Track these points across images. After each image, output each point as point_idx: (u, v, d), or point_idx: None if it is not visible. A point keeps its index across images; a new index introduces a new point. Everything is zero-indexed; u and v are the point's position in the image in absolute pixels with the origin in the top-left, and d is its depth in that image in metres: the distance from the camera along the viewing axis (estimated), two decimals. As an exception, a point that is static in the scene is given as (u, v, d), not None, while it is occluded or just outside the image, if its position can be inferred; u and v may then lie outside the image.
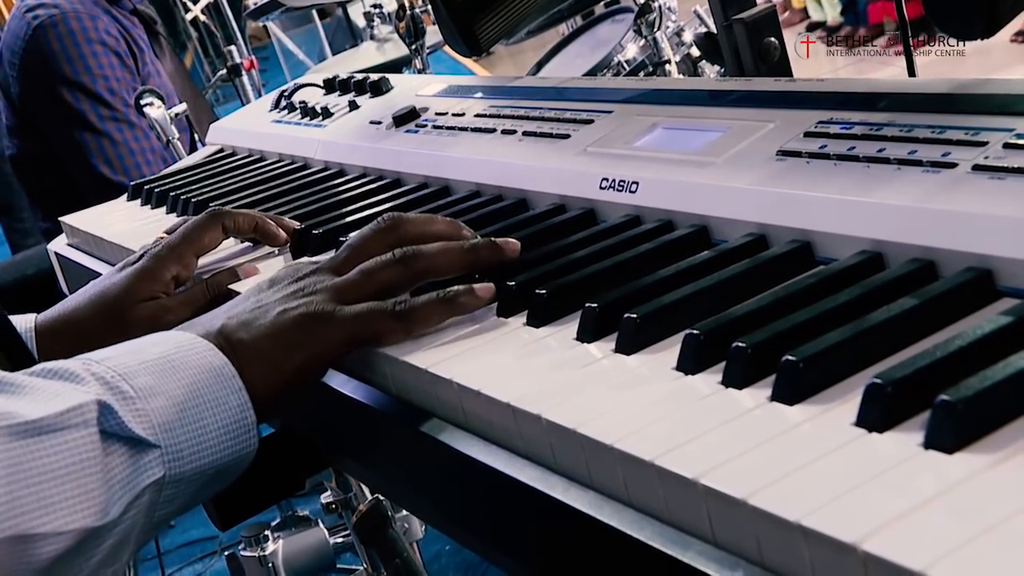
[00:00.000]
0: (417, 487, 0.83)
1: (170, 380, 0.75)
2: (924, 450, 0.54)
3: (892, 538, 0.48)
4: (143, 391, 0.73)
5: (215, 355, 0.78)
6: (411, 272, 0.85)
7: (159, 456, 0.72)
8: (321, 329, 0.81)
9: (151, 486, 0.72)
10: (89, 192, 2.56)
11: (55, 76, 2.62)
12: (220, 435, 0.76)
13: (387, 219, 0.89)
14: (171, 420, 0.73)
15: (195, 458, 0.74)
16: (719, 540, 0.57)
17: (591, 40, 3.22)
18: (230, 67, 3.66)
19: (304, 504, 2.79)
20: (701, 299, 0.75)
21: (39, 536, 0.65)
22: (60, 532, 0.66)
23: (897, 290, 0.67)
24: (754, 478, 0.55)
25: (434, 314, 0.82)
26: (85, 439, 0.69)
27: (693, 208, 0.87)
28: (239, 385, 0.77)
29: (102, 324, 1.04)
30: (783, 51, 1.24)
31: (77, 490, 0.68)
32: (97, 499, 0.68)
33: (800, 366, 0.61)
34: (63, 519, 0.66)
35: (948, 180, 0.71)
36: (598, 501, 0.63)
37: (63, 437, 0.68)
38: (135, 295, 1.04)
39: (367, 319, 0.81)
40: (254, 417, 0.78)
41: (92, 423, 0.70)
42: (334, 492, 1.90)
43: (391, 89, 1.46)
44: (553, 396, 0.69)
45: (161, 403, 0.73)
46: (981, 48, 1.38)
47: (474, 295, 0.82)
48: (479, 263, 0.87)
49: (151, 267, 1.06)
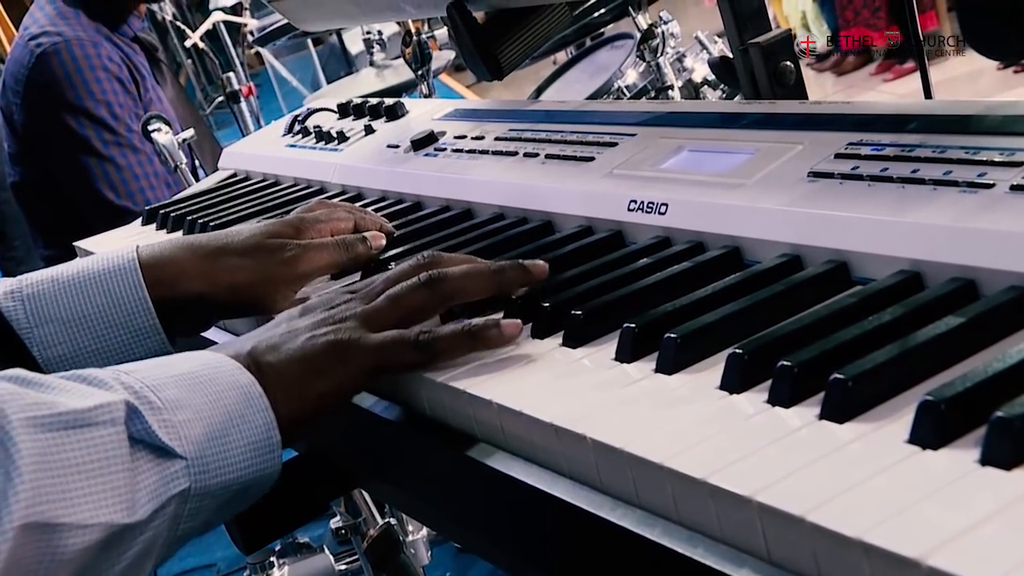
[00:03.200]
0: (455, 509, 0.83)
1: (197, 395, 0.76)
2: (981, 466, 0.54)
3: (956, 553, 0.48)
4: (170, 403, 0.73)
5: (243, 374, 0.79)
6: (437, 296, 0.86)
7: (185, 467, 0.72)
8: (346, 356, 0.81)
9: (177, 496, 0.72)
10: (93, 217, 2.56)
11: (59, 102, 2.62)
12: (245, 452, 0.76)
13: (426, 256, 0.90)
14: (197, 434, 0.74)
15: (220, 473, 0.74)
16: (774, 558, 0.57)
17: (590, 66, 3.24)
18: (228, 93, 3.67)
19: (303, 531, 2.79)
20: (741, 319, 0.75)
21: (63, 526, 0.65)
22: (85, 524, 0.66)
23: (939, 309, 0.68)
24: (811, 495, 0.55)
25: (457, 347, 0.82)
26: (112, 437, 0.70)
27: (725, 229, 0.87)
28: (265, 404, 0.78)
29: (235, 250, 1.03)
30: (799, 75, 1.25)
31: (103, 485, 0.68)
32: (123, 496, 0.69)
33: (849, 384, 0.62)
34: (88, 512, 0.67)
35: (986, 200, 0.72)
36: (647, 519, 0.63)
37: (91, 433, 0.69)
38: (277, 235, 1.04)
39: (390, 349, 0.82)
40: (279, 437, 0.78)
41: (120, 422, 0.70)
42: (343, 517, 1.90)
43: (406, 113, 1.47)
44: (596, 416, 0.69)
45: (188, 416, 0.74)
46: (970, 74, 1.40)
47: (501, 331, 0.81)
48: (506, 285, 0.87)
49: (297, 222, 1.07)
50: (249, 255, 1.02)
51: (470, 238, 1.07)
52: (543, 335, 0.84)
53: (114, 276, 1.00)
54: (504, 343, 0.82)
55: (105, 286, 1.00)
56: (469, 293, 0.87)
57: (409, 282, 0.86)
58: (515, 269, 0.87)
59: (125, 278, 1.00)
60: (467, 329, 0.82)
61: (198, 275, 1.02)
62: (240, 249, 1.02)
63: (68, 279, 1.00)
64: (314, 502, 1.04)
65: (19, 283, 1.00)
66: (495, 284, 0.87)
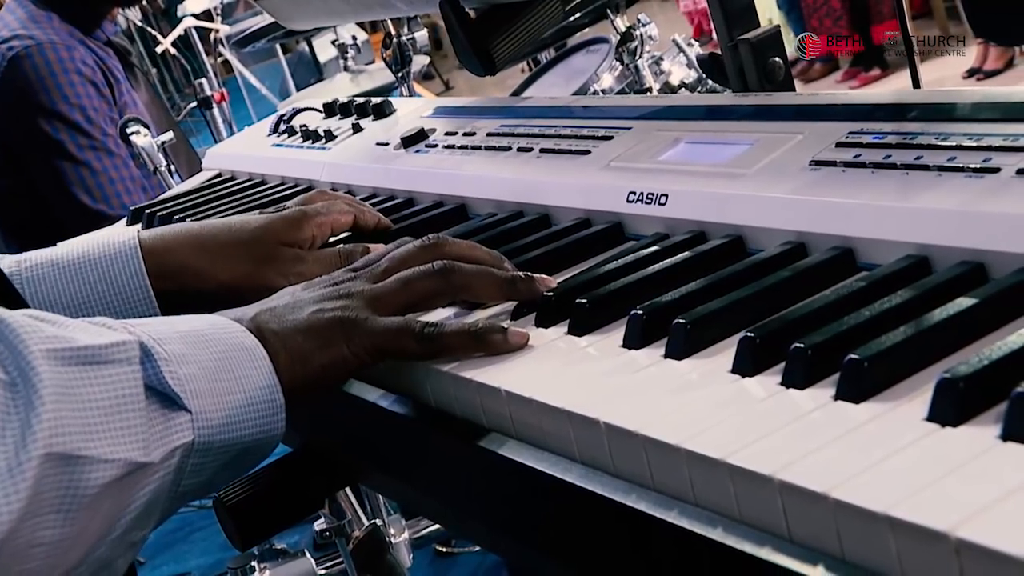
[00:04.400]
0: (464, 501, 0.82)
1: (202, 351, 0.75)
2: (1002, 442, 0.54)
3: (984, 525, 0.48)
4: (176, 356, 0.73)
5: (247, 337, 0.79)
6: (449, 285, 0.85)
7: (189, 420, 0.72)
8: (351, 334, 0.81)
9: (181, 448, 0.72)
10: (67, 221, 2.54)
11: (32, 106, 2.60)
12: (249, 411, 0.76)
13: (431, 238, 0.90)
14: (201, 388, 0.73)
15: (223, 430, 0.74)
16: (795, 536, 0.57)
17: (565, 70, 3.24)
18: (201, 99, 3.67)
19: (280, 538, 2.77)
20: (749, 305, 0.75)
21: (86, 459, 0.65)
22: (106, 459, 0.66)
23: (950, 291, 0.68)
24: (833, 473, 0.55)
25: (461, 345, 0.81)
26: (129, 376, 0.70)
27: (727, 219, 0.88)
28: (269, 367, 0.78)
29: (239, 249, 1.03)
30: (787, 71, 1.26)
31: (122, 422, 0.68)
32: (140, 435, 0.69)
33: (865, 365, 0.62)
34: (109, 446, 0.66)
35: (993, 184, 0.72)
36: (664, 502, 0.63)
37: (109, 370, 0.69)
38: (279, 235, 1.04)
39: (395, 334, 0.81)
40: (283, 400, 0.78)
41: (135, 361, 0.71)
42: (327, 519, 1.89)
43: (393, 112, 1.47)
44: (609, 401, 0.69)
45: (192, 370, 0.74)
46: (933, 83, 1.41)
47: (506, 337, 0.80)
48: (514, 295, 0.87)
49: (299, 217, 1.07)
50: (252, 257, 1.02)
51: (466, 232, 1.07)
52: (547, 324, 0.83)
53: (115, 262, 1.00)
54: (508, 350, 0.80)
55: (105, 272, 0.99)
56: (479, 293, 0.87)
57: (423, 268, 0.86)
58: (525, 283, 0.87)
59: (126, 265, 1.00)
60: (473, 329, 0.81)
61: (199, 269, 1.02)
62: (244, 247, 1.02)
63: (69, 264, 0.99)
64: (312, 497, 1.03)
65: (18, 265, 1.00)
66: (504, 292, 0.87)
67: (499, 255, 0.91)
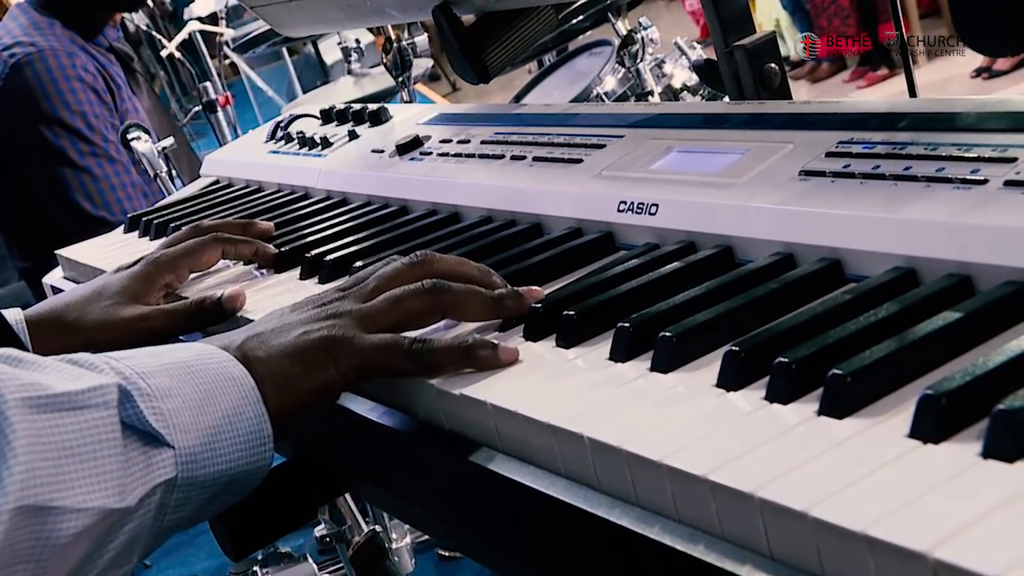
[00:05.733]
0: (449, 513, 0.82)
1: (188, 385, 0.75)
2: (983, 459, 0.54)
3: (962, 545, 0.48)
4: (160, 391, 0.73)
5: (235, 366, 0.78)
6: (438, 304, 0.85)
7: (172, 456, 0.72)
8: (338, 354, 0.80)
9: (162, 485, 0.71)
10: (69, 228, 2.54)
11: (34, 113, 2.60)
12: (235, 444, 0.75)
13: (419, 255, 0.89)
14: (185, 423, 0.73)
15: (208, 463, 0.74)
16: (775, 554, 0.56)
17: (569, 73, 3.24)
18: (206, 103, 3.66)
19: (284, 542, 2.77)
20: (736, 317, 0.75)
21: (58, 510, 0.65)
22: (79, 508, 0.66)
23: (935, 304, 0.68)
24: (813, 490, 0.55)
25: (450, 361, 0.80)
26: (106, 420, 0.69)
27: (716, 229, 0.87)
28: (257, 397, 0.77)
29: (92, 320, 1.08)
30: (783, 77, 1.25)
31: (96, 469, 0.67)
32: (115, 481, 0.68)
33: (848, 380, 0.62)
34: (82, 496, 0.66)
35: (981, 196, 0.72)
36: (647, 517, 0.63)
37: (85, 415, 0.68)
38: (129, 295, 1.10)
39: (383, 352, 0.81)
40: (271, 431, 0.77)
41: (112, 405, 0.70)
42: (328, 525, 1.89)
43: (390, 118, 1.47)
44: (593, 415, 0.69)
45: (177, 404, 0.73)
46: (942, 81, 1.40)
47: (495, 353, 0.80)
48: (503, 313, 0.87)
49: (149, 272, 1.13)
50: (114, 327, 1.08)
51: (459, 241, 1.07)
52: (536, 336, 0.83)
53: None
54: (497, 366, 0.80)
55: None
56: (467, 312, 0.87)
57: (412, 287, 0.85)
58: (513, 299, 0.86)
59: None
60: (463, 345, 0.80)
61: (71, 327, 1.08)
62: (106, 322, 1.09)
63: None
64: (304, 507, 1.03)
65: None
66: (492, 312, 0.87)
67: (488, 269, 0.90)
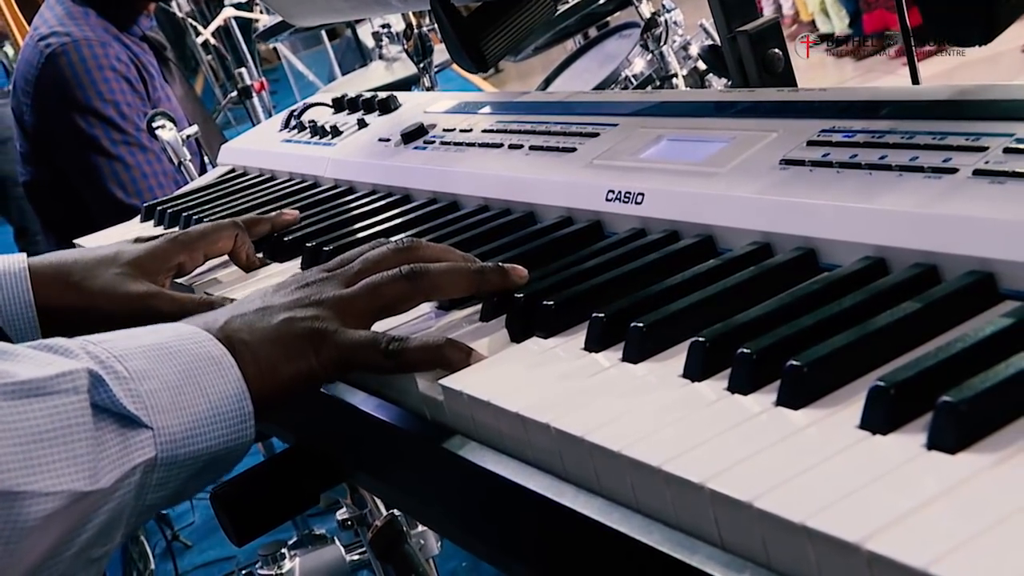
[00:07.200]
0: (429, 499, 0.83)
1: (165, 365, 0.76)
2: (927, 451, 0.54)
3: (895, 537, 0.49)
4: (137, 373, 0.74)
5: (215, 346, 0.79)
6: (416, 289, 0.86)
7: (151, 437, 0.73)
8: (319, 346, 0.81)
9: (141, 465, 0.72)
10: (102, 215, 2.58)
11: (68, 102, 2.64)
12: (215, 421, 0.76)
13: (405, 241, 0.90)
14: (164, 403, 0.74)
15: (188, 443, 0.75)
16: (726, 543, 0.57)
17: (599, 55, 3.23)
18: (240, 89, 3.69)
19: (320, 523, 2.80)
20: (707, 307, 0.75)
21: (25, 494, 0.66)
22: (47, 492, 0.67)
23: (900, 295, 0.68)
24: (759, 481, 0.55)
25: (423, 361, 0.81)
26: (75, 404, 0.70)
27: (698, 218, 0.88)
28: (237, 375, 0.78)
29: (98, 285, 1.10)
30: (787, 62, 1.25)
31: (65, 453, 0.68)
32: (86, 464, 0.69)
33: (804, 371, 0.62)
34: (51, 480, 0.67)
35: (949, 185, 0.72)
36: (606, 507, 0.64)
37: (53, 401, 0.69)
38: (140, 268, 1.12)
39: (361, 350, 0.82)
40: (251, 408, 0.78)
41: (83, 390, 0.71)
42: (349, 509, 1.90)
43: (399, 107, 1.48)
44: (562, 405, 0.70)
45: (154, 386, 0.74)
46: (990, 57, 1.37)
47: (467, 358, 0.80)
48: (485, 286, 0.87)
49: (165, 248, 1.15)
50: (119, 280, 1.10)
51: (454, 230, 1.08)
52: (517, 326, 0.84)
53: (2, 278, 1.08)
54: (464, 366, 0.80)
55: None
56: (448, 291, 0.88)
57: (390, 273, 0.86)
58: (496, 272, 0.87)
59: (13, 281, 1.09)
60: (436, 345, 0.81)
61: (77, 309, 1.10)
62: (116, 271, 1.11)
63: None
64: (305, 494, 1.05)
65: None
66: (475, 284, 0.87)
67: (473, 258, 0.91)
